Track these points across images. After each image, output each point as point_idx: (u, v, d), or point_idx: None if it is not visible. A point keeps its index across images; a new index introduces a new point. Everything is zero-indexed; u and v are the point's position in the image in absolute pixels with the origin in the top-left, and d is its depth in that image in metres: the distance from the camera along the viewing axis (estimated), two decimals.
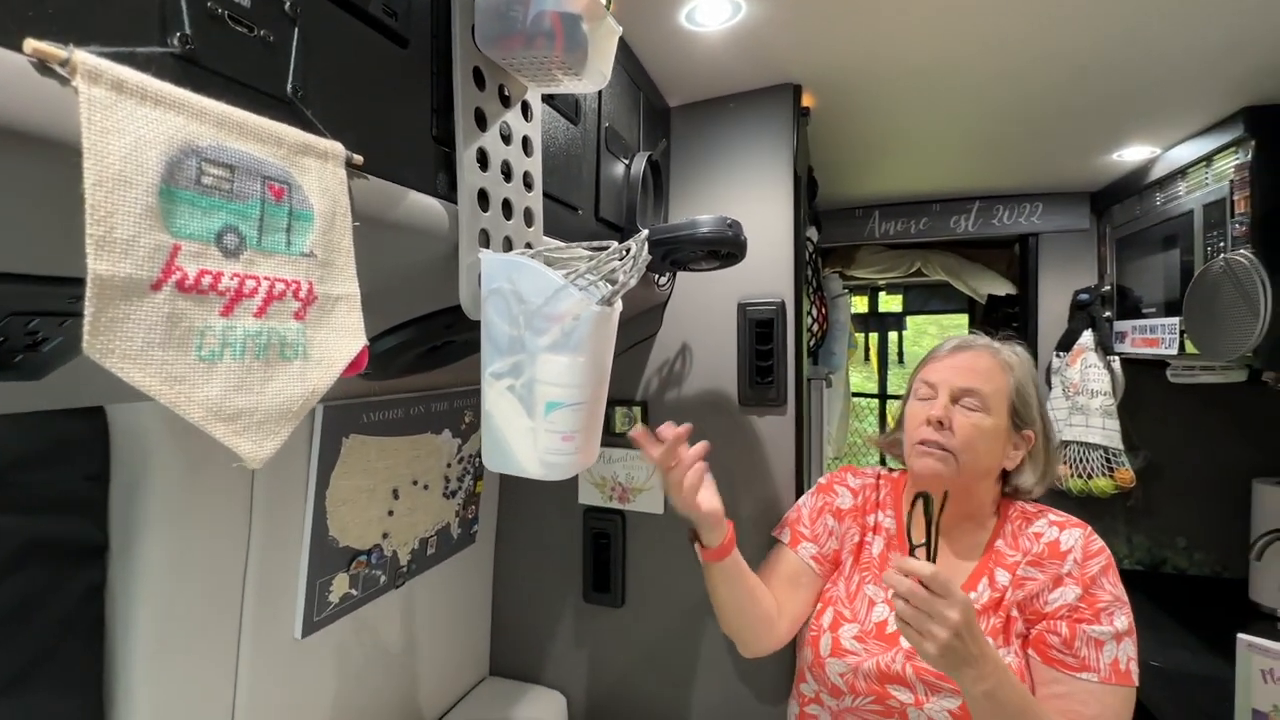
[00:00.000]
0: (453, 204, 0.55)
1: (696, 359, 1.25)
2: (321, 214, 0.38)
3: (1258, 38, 1.02)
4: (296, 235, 0.37)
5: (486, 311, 0.56)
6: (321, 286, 0.39)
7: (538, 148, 0.67)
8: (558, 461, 0.57)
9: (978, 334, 1.02)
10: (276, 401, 0.36)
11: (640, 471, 1.28)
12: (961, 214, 2.12)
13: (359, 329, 0.41)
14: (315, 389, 0.38)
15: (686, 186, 1.25)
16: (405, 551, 1.07)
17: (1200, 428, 1.91)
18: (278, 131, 0.36)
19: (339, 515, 0.91)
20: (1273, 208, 1.23)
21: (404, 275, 0.57)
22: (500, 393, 0.57)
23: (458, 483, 1.19)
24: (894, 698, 0.88)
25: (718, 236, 0.96)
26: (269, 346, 0.35)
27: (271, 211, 0.35)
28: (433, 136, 0.54)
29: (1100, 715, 0.80)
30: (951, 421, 0.91)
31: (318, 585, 0.89)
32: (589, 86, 0.60)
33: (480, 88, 0.57)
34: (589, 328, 0.55)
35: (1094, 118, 1.41)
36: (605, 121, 0.90)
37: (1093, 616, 0.84)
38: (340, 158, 0.40)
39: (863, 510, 1.05)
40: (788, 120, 1.18)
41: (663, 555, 1.28)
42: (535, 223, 0.67)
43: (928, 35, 1.03)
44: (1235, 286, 1.26)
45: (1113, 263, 1.90)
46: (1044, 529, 0.92)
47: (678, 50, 1.04)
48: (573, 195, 0.81)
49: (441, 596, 1.21)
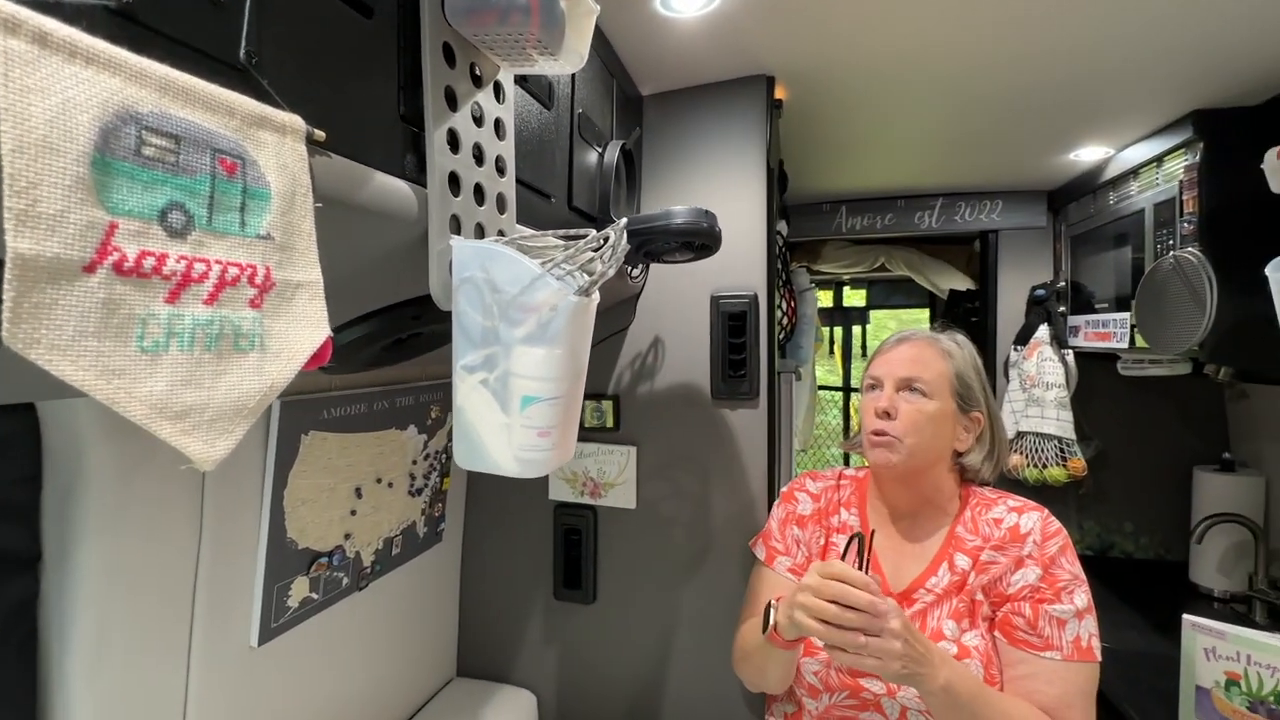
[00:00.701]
0: (422, 187, 0.52)
1: (669, 352, 1.24)
2: (280, 193, 0.35)
3: (1207, 43, 1.06)
4: (252, 215, 0.34)
5: (458, 301, 0.53)
6: (280, 272, 0.36)
7: (510, 131, 0.64)
8: (534, 458, 0.54)
9: (918, 328, 1.06)
10: (231, 397, 0.33)
11: (612, 466, 1.27)
12: (925, 210, 2.16)
13: (322, 319, 0.38)
14: (274, 383, 0.35)
15: (659, 177, 1.24)
16: (369, 552, 1.02)
17: (1146, 418, 2.00)
18: (230, 100, 0.33)
19: (298, 516, 0.87)
20: (1219, 207, 1.28)
21: (370, 262, 0.53)
22: (473, 387, 0.54)
23: (424, 480, 1.15)
24: (867, 690, 0.89)
25: (693, 228, 0.95)
26: (221, 337, 0.32)
27: (223, 188, 0.32)
28: (400, 115, 0.51)
29: (1066, 693, 0.83)
30: (897, 409, 0.94)
31: (275, 590, 0.85)
32: (565, 68, 0.58)
33: (450, 65, 0.54)
34: (566, 319, 0.53)
35: (1052, 119, 1.45)
36: (579, 108, 0.88)
37: (1054, 596, 0.86)
38: (300, 132, 0.37)
39: (825, 512, 1.06)
40: (761, 112, 1.17)
41: (635, 551, 1.27)
42: (508, 209, 0.64)
43: (898, 32, 1.04)
44: (1184, 283, 1.31)
45: (1067, 259, 1.96)
46: (1003, 514, 0.95)
47: (652, 36, 1.02)
48: (545, 182, 0.78)
49: (407, 597, 1.18)
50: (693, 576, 1.23)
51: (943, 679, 0.76)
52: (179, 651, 0.74)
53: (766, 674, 0.94)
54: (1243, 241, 1.23)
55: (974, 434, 0.98)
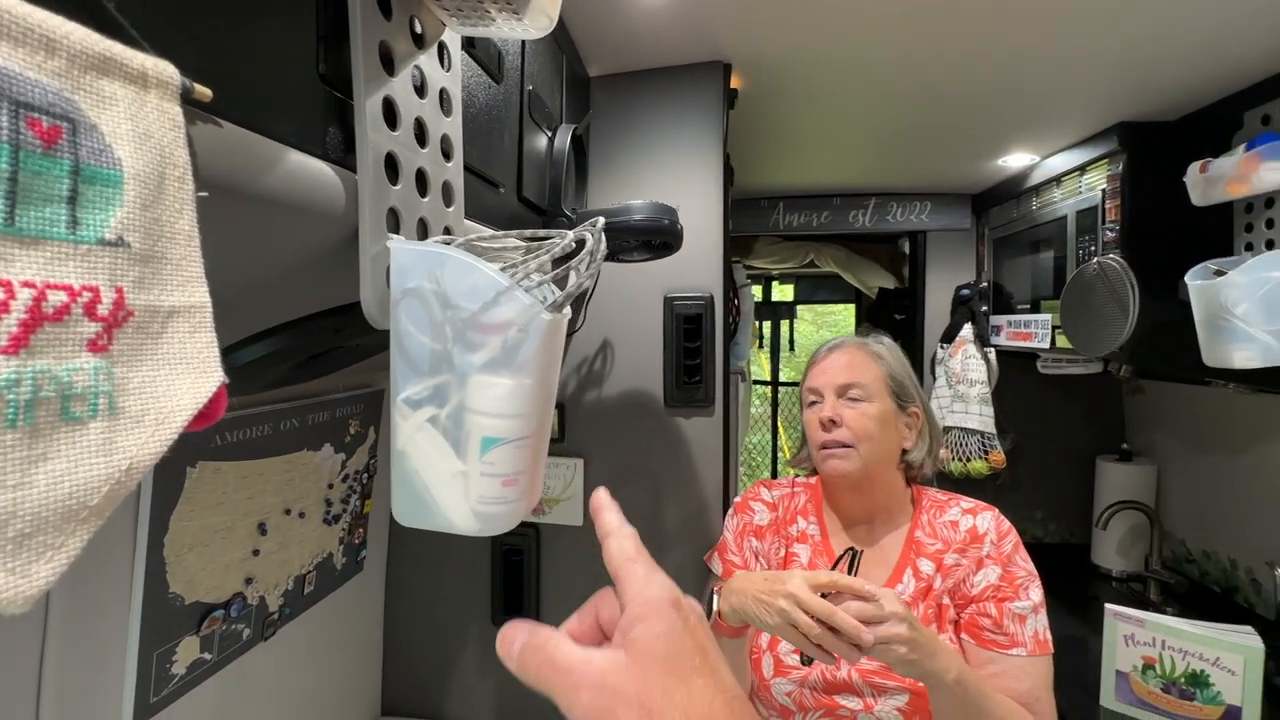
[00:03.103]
0: (350, 172, 0.40)
1: (619, 357, 1.15)
2: (138, 176, 0.23)
3: (1132, 60, 1.10)
4: (90, 210, 0.22)
5: (399, 319, 0.42)
6: (140, 295, 0.24)
7: (457, 106, 0.52)
8: (497, 512, 0.44)
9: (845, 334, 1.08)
10: (56, 495, 0.21)
11: (557, 481, 1.16)
12: (860, 209, 2.18)
13: (210, 360, 0.26)
14: (134, 462, 0.23)
15: (608, 167, 1.14)
16: (276, 595, 0.87)
17: (1056, 412, 2.13)
18: (47, 26, 0.21)
19: (183, 565, 0.71)
20: (1140, 216, 1.34)
21: (281, 270, 0.41)
22: (418, 426, 0.43)
23: (342, 505, 1.00)
24: (843, 707, 0.86)
25: (652, 225, 0.86)
26: (36, 403, 0.20)
27: (35, 167, 0.20)
28: (319, 74, 0.38)
29: (1035, 686, 0.84)
30: (842, 417, 0.94)
31: (155, 658, 0.69)
32: (530, 31, 0.47)
33: (387, 15, 0.42)
34: (538, 342, 0.43)
35: (985, 125, 1.48)
36: (529, 84, 0.76)
37: (1013, 593, 0.88)
38: (172, 86, 0.25)
39: (783, 522, 1.02)
40: (717, 100, 1.10)
41: (582, 571, 1.17)
42: (455, 201, 0.53)
43: (851, 26, 1.00)
44: (1107, 288, 1.37)
45: (990, 261, 2.04)
46: (958, 517, 0.96)
47: (609, 10, 0.92)
48: (494, 169, 0.67)
49: (322, 637, 1.03)
50: None
51: (956, 671, 0.75)
52: None
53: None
54: (1161, 249, 1.30)
55: (915, 430, 1.00)
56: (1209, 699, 1.19)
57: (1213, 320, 1.13)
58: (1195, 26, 0.97)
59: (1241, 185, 1.09)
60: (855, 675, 0.86)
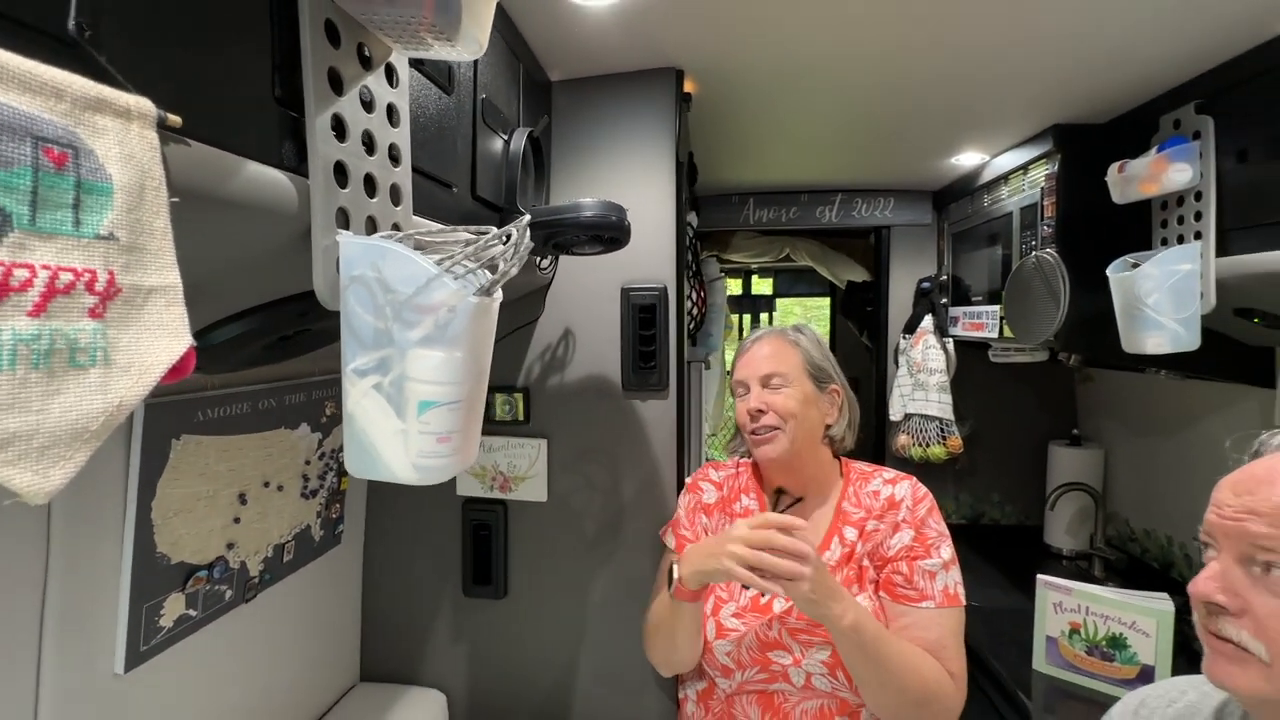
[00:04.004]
0: (303, 178, 0.48)
1: (580, 344, 1.23)
2: (124, 187, 0.31)
3: (1066, 65, 1.18)
4: (89, 213, 0.30)
5: (347, 301, 0.50)
6: (127, 276, 0.32)
7: (405, 118, 0.60)
8: (433, 465, 0.52)
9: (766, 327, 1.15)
10: (66, 420, 0.29)
11: (522, 459, 1.25)
12: (826, 205, 2.27)
13: (181, 326, 0.34)
14: (123, 400, 0.31)
15: (569, 166, 1.22)
16: (256, 561, 0.95)
17: (1012, 400, 2.23)
18: (56, 80, 0.29)
19: (170, 528, 0.79)
20: (1072, 213, 1.43)
21: (248, 259, 0.49)
22: (365, 392, 0.51)
23: (319, 481, 1.08)
24: (775, 663, 0.95)
25: (601, 221, 0.94)
26: (53, 352, 0.28)
27: (49, 183, 0.28)
28: (275, 97, 0.46)
29: (941, 635, 0.93)
30: (767, 404, 1.02)
31: (145, 610, 0.77)
32: (464, 55, 0.55)
33: (335, 45, 0.50)
34: (466, 320, 0.51)
35: (936, 125, 1.56)
36: (482, 93, 0.84)
37: (924, 552, 0.97)
38: (149, 117, 0.33)
39: (728, 500, 1.11)
40: (670, 104, 1.18)
41: (547, 544, 1.26)
42: (403, 201, 0.61)
43: (795, 37, 1.08)
44: (1043, 280, 1.47)
45: (949, 255, 2.13)
46: (880, 487, 1.05)
47: (560, 23, 0.99)
48: (446, 171, 0.75)
49: (303, 604, 1.11)
50: (604, 567, 1.24)
51: (851, 618, 0.84)
52: (24, 689, 0.66)
53: (676, 639, 0.98)
54: (1091, 244, 1.39)
55: (836, 406, 1.08)
56: (1126, 659, 1.29)
57: (1129, 309, 1.23)
58: (1111, 35, 1.05)
59: (1152, 185, 1.18)
60: (785, 634, 0.95)
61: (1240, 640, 0.55)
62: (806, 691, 0.95)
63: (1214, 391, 1.59)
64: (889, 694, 0.88)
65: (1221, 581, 0.57)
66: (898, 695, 0.88)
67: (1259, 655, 0.54)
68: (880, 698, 0.89)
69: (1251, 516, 0.55)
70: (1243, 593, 0.55)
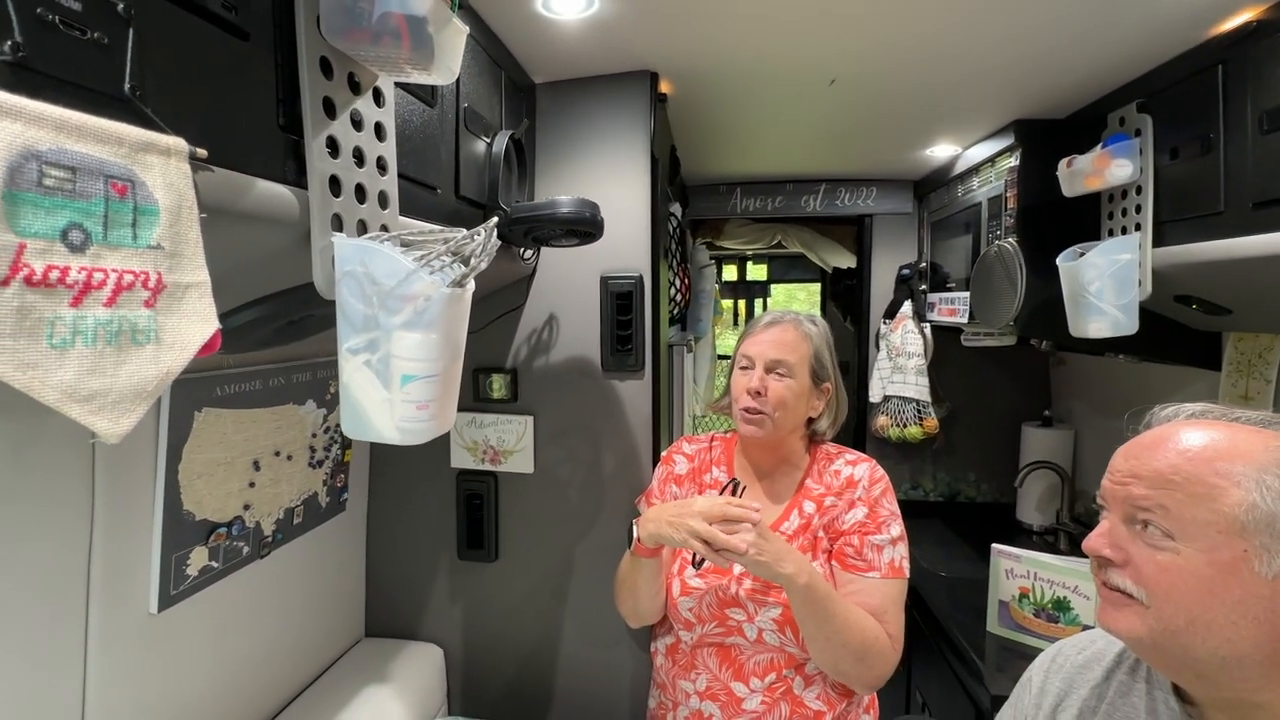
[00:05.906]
0: (303, 190, 0.58)
1: (562, 328, 1.33)
2: (167, 208, 0.42)
3: (1024, 63, 1.25)
4: (143, 229, 0.40)
5: (341, 292, 0.60)
6: (171, 276, 0.42)
7: (391, 132, 0.70)
8: (414, 428, 0.63)
9: (785, 310, 1.22)
10: (131, 382, 0.39)
11: (511, 434, 1.36)
12: (811, 194, 2.35)
13: (210, 314, 0.45)
14: (169, 370, 0.42)
15: (552, 163, 1.31)
16: (269, 522, 1.07)
17: (986, 382, 2.31)
18: (118, 131, 0.39)
19: (194, 489, 0.91)
20: (1031, 205, 1.51)
21: (262, 257, 0.59)
22: (357, 367, 0.62)
23: (324, 452, 1.20)
24: (731, 619, 1.06)
25: (575, 216, 1.04)
26: (121, 333, 0.39)
27: (116, 208, 0.38)
28: (279, 125, 0.56)
29: (883, 602, 1.03)
30: (767, 389, 1.09)
31: (174, 560, 0.89)
32: (439, 80, 0.65)
33: (328, 77, 0.60)
34: (441, 307, 0.61)
35: (910, 119, 1.64)
36: (464, 102, 0.94)
37: (875, 528, 1.06)
38: (183, 153, 0.43)
39: (699, 471, 1.21)
40: (644, 105, 1.27)
41: (534, 512, 1.37)
42: (390, 205, 0.71)
43: (762, 41, 1.16)
44: (1003, 268, 1.55)
45: (928, 242, 2.21)
46: (842, 467, 1.14)
47: (537, 34, 1.08)
48: (430, 175, 0.85)
49: (312, 563, 1.23)
50: (586, 532, 1.36)
51: (805, 578, 0.93)
52: (76, 620, 0.78)
53: (639, 590, 1.09)
54: (1048, 234, 1.47)
55: (824, 401, 1.16)
56: (1070, 620, 1.40)
57: (1075, 296, 1.31)
58: (1060, 34, 1.11)
59: (1096, 179, 1.26)
60: (742, 593, 1.05)
61: (1125, 587, 0.63)
62: (759, 645, 1.05)
63: (1170, 374, 1.67)
64: (833, 647, 0.98)
65: (1110, 538, 0.65)
66: (840, 649, 0.97)
67: (1141, 599, 0.61)
68: (825, 651, 0.99)
69: (1134, 480, 0.64)
70: (1125, 546, 0.64)
